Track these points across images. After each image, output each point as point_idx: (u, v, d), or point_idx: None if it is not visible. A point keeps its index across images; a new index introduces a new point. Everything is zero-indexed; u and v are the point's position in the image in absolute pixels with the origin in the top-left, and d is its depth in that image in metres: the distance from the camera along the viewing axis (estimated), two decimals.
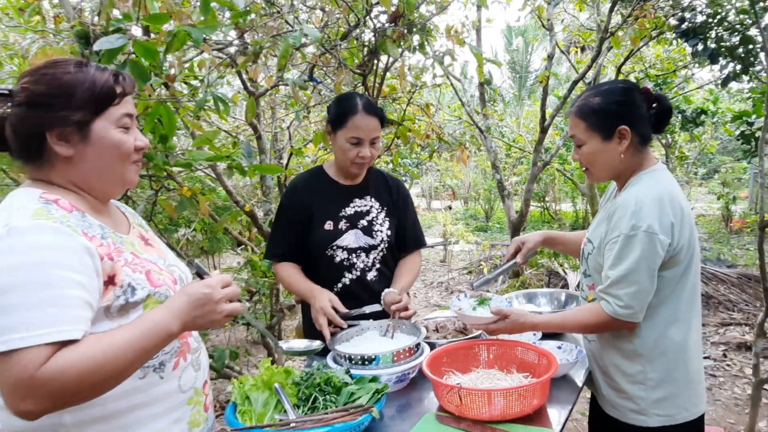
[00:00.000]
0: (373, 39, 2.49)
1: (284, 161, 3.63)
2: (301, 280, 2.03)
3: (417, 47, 2.56)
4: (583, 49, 5.12)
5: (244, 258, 3.91)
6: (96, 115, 1.17)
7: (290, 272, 2.05)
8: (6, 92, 1.14)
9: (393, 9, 2.23)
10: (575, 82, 4.04)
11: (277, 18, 2.17)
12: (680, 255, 1.52)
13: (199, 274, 1.25)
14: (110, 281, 1.13)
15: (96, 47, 1.56)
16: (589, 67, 3.93)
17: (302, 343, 1.67)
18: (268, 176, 3.41)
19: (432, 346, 1.82)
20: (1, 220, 1.07)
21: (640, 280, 1.48)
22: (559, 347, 1.86)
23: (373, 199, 2.12)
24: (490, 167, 4.87)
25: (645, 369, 1.58)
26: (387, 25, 2.32)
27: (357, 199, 2.09)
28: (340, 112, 1.97)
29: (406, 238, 2.19)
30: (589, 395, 1.90)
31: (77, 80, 1.15)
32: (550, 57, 4.27)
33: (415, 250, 2.22)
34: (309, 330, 2.07)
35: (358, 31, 2.38)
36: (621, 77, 4.78)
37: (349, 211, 2.07)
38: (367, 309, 1.93)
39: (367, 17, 2.35)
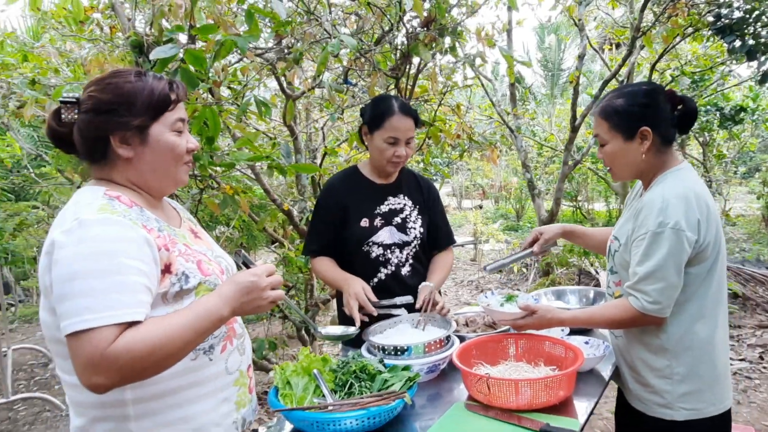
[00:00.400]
0: (405, 42, 2.57)
1: (318, 161, 3.75)
2: (336, 271, 2.12)
3: (448, 49, 2.63)
4: (617, 45, 5.06)
5: (279, 254, 4.04)
6: (154, 120, 1.27)
7: (326, 265, 2.15)
8: (74, 100, 1.25)
9: (425, 14, 2.30)
10: (607, 81, 4.02)
11: (314, 25, 2.27)
12: (706, 252, 1.56)
13: (246, 264, 1.34)
14: (166, 269, 1.23)
15: (152, 56, 1.68)
16: (621, 66, 3.90)
17: (338, 329, 1.76)
18: (303, 175, 3.53)
19: (462, 339, 1.89)
20: (71, 214, 1.18)
21: (667, 276, 1.52)
22: (587, 342, 1.91)
23: (406, 198, 2.20)
24: (521, 166, 4.88)
25: (671, 363, 1.61)
26: (419, 29, 2.40)
27: (391, 198, 2.18)
28: (377, 114, 2.06)
29: (439, 235, 2.28)
30: (616, 393, 1.94)
31: (137, 89, 1.26)
32: (581, 56, 4.25)
33: (447, 247, 2.31)
34: (343, 322, 2.17)
35: (391, 35, 2.46)
36: (656, 75, 4.72)
37: (383, 208, 2.16)
38: (398, 300, 2.01)
39: (400, 22, 2.43)
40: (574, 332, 1.99)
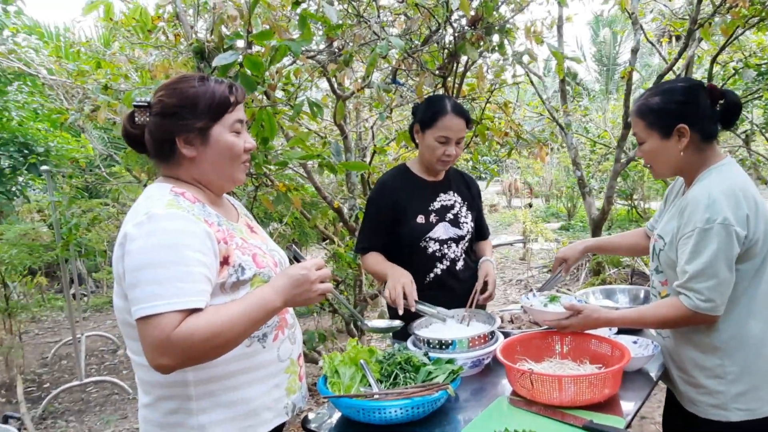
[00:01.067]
0: (452, 41, 2.59)
1: (368, 159, 3.83)
2: (384, 263, 2.16)
3: (497, 47, 2.63)
4: (677, 38, 4.84)
5: (329, 251, 4.16)
6: (214, 122, 1.36)
7: (375, 259, 2.20)
8: (145, 104, 1.36)
9: (472, 13, 2.32)
10: (662, 75, 3.87)
11: (364, 27, 2.34)
12: (756, 248, 1.52)
13: (297, 258, 1.41)
14: (225, 261, 1.31)
15: (214, 63, 1.80)
16: (677, 60, 3.75)
17: (384, 322, 1.80)
18: (353, 173, 3.62)
19: (506, 335, 1.90)
20: (142, 209, 1.28)
21: (719, 272, 1.49)
22: (635, 342, 1.88)
23: (455, 194, 2.27)
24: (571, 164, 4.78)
25: (723, 362, 1.58)
26: (466, 28, 2.42)
27: (442, 194, 2.24)
28: (430, 113, 2.11)
29: (482, 229, 2.42)
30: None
31: (200, 93, 1.35)
32: (635, 51, 4.11)
33: (487, 239, 2.48)
34: (393, 316, 2.22)
35: (438, 35, 2.49)
36: (717, 67, 4.50)
37: (436, 205, 2.22)
38: (441, 311, 1.98)
39: (447, 22, 2.46)
40: (622, 331, 1.97)
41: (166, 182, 1.39)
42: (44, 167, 4.13)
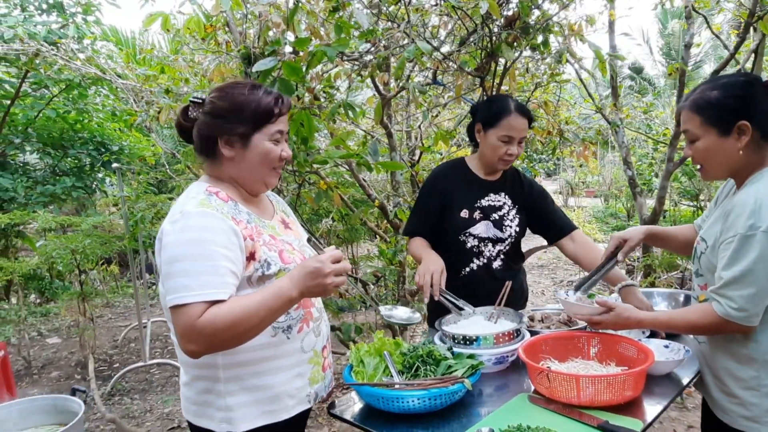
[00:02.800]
0: (489, 42, 2.60)
1: (416, 158, 3.89)
2: (424, 248, 2.18)
3: (541, 45, 2.61)
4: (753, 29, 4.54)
5: (377, 247, 4.25)
6: (256, 129, 1.45)
7: (418, 243, 2.24)
8: (200, 101, 1.48)
9: (509, 13, 2.33)
10: (717, 71, 3.65)
11: (397, 30, 2.40)
12: None
13: (316, 251, 1.49)
14: (251, 257, 1.41)
15: (254, 69, 1.93)
16: (732, 55, 3.53)
17: (405, 313, 1.84)
18: (398, 172, 3.69)
19: (534, 334, 1.91)
20: (178, 207, 1.41)
21: (756, 281, 1.42)
22: (666, 346, 1.84)
23: (507, 197, 2.27)
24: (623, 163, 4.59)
25: (760, 375, 1.51)
26: (501, 29, 2.43)
27: (492, 194, 2.26)
28: (493, 113, 2.14)
29: (557, 222, 2.31)
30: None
31: (247, 101, 1.45)
32: (687, 47, 3.91)
33: (573, 230, 2.31)
34: (433, 313, 2.27)
35: (476, 36, 2.51)
36: None
37: (483, 203, 2.24)
38: (464, 307, 2.01)
39: (484, 24, 2.47)
40: (655, 335, 1.93)
41: (205, 181, 1.51)
42: (115, 165, 4.49)
